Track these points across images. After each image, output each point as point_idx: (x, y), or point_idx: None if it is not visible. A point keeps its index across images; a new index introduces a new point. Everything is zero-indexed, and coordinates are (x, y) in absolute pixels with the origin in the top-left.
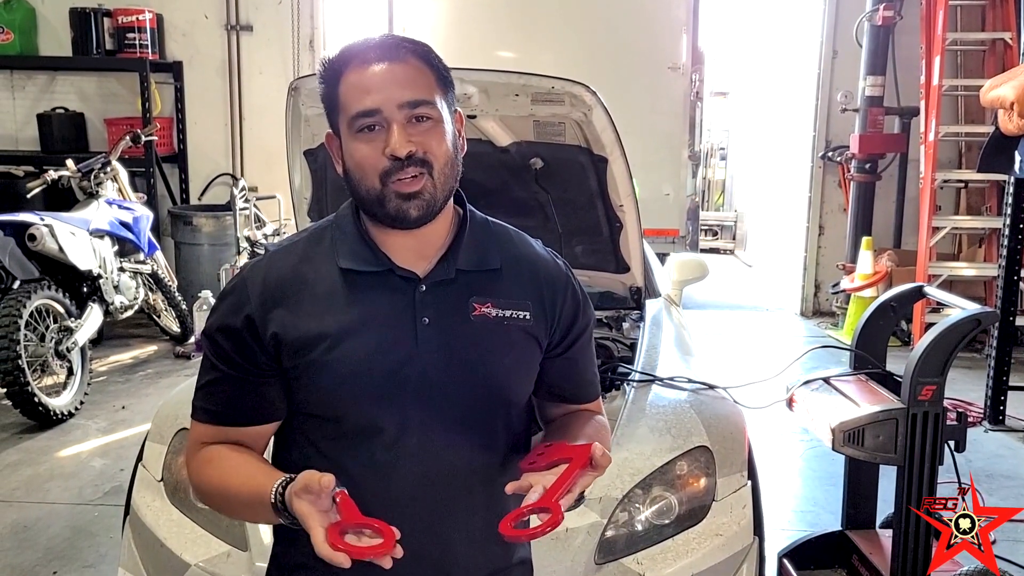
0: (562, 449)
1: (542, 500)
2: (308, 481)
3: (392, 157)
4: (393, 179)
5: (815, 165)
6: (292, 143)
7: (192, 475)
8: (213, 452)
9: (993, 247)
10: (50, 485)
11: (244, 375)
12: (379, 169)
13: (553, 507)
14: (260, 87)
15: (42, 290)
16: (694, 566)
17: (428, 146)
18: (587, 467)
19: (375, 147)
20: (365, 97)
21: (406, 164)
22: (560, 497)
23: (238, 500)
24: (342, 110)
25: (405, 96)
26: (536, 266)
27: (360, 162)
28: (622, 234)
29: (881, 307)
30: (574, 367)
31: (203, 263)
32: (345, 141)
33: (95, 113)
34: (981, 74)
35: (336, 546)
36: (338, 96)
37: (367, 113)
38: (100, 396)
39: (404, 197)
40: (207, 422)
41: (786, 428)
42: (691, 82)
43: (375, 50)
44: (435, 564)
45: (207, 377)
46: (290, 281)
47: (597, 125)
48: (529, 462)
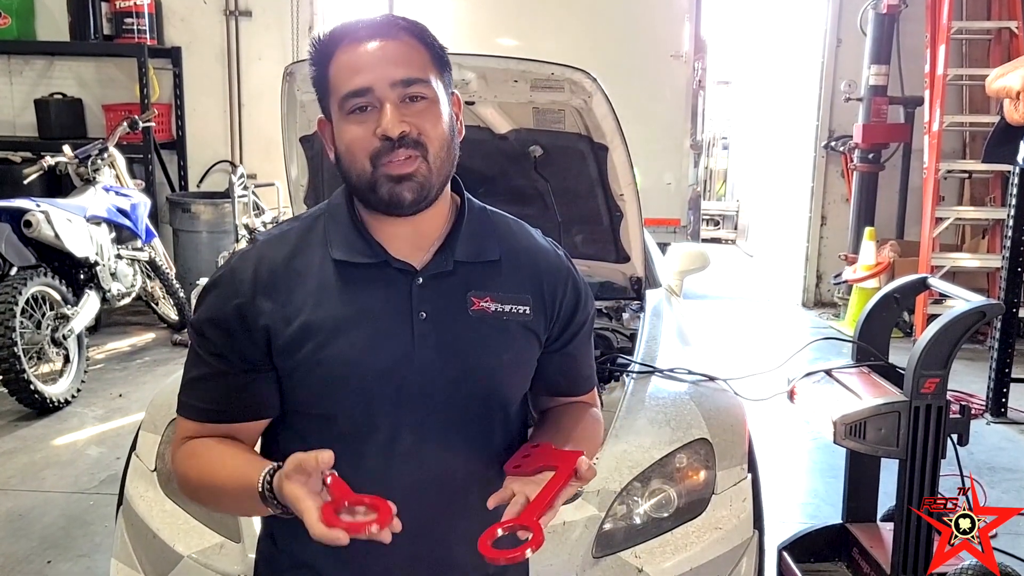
0: (549, 454)
1: (523, 518)
2: (301, 460)
3: (383, 137)
4: (384, 160)
5: (818, 155)
6: (288, 130)
7: (177, 469)
8: (198, 445)
9: (997, 238)
10: (46, 473)
11: (234, 369)
12: (370, 150)
13: (534, 527)
14: (259, 73)
15: (38, 277)
16: (693, 560)
17: (422, 127)
18: (571, 478)
19: (366, 128)
20: (355, 76)
21: (398, 145)
22: (542, 516)
23: (224, 492)
24: (332, 92)
25: (398, 74)
26: (536, 257)
27: (350, 144)
28: (622, 223)
29: (884, 298)
30: (572, 362)
31: (201, 251)
32: (336, 124)
33: (93, 99)
34: (986, 63)
35: (332, 524)
36: (328, 78)
37: (358, 92)
38: (97, 384)
39: (396, 180)
40: (194, 419)
41: (787, 420)
42: (694, 70)
43: (366, 28)
44: (432, 567)
45: (194, 372)
46: (281, 273)
47: (597, 112)
48: (514, 465)
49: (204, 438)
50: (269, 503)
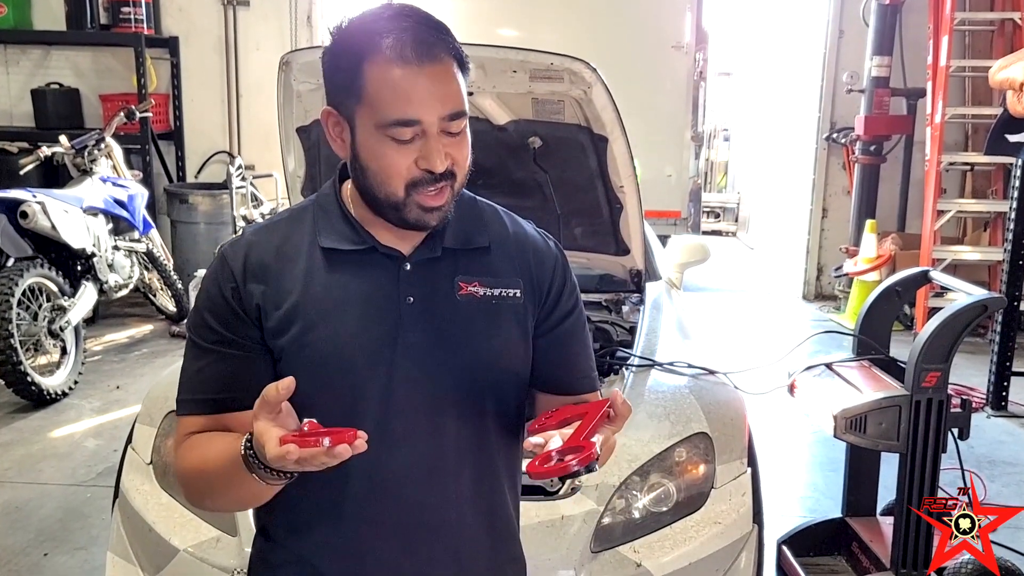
0: (572, 409)
1: (570, 441)
2: (264, 393)
3: (427, 171)
4: (420, 191)
5: (819, 147)
6: (284, 120)
7: (177, 472)
8: (196, 438)
9: (998, 231)
10: (43, 465)
11: (234, 349)
12: (407, 179)
13: (585, 444)
14: (257, 63)
15: (35, 268)
16: (692, 554)
17: (457, 159)
18: (605, 418)
19: (406, 155)
20: (407, 106)
21: (439, 179)
22: (590, 437)
23: (215, 475)
24: (367, 103)
25: (447, 109)
26: (525, 244)
27: (387, 168)
28: (622, 215)
29: (886, 292)
30: (565, 352)
31: (199, 242)
32: (366, 135)
33: (90, 89)
34: (989, 55)
35: (284, 440)
36: (363, 86)
37: (407, 123)
38: (94, 376)
39: (427, 210)
40: (198, 412)
41: (786, 413)
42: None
43: (412, 47)
44: (425, 557)
45: (195, 365)
46: (271, 259)
47: (597, 103)
48: (538, 424)
49: (204, 432)
50: (254, 468)
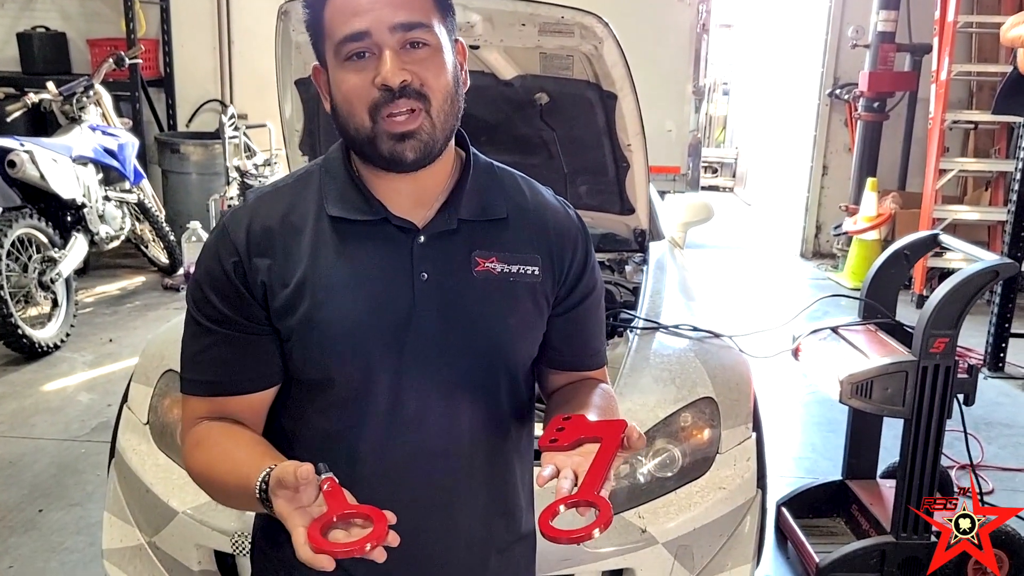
0: (584, 425)
1: (582, 492)
2: (281, 475)
3: (383, 87)
4: (384, 113)
5: (822, 103)
6: (282, 72)
7: (185, 459)
8: (203, 433)
9: (1000, 191)
10: (36, 420)
11: (238, 331)
12: (368, 101)
13: (599, 502)
14: (251, 7)
15: (24, 219)
16: (696, 520)
17: (424, 77)
18: (619, 448)
19: (364, 77)
20: (353, 19)
21: (398, 95)
22: (601, 489)
23: (226, 491)
24: (327, 36)
25: (398, 17)
26: (545, 216)
27: (347, 94)
28: (628, 174)
29: (894, 255)
30: (579, 330)
31: (192, 193)
32: (332, 72)
33: (77, 33)
34: (997, 10)
35: (319, 546)
36: (323, 21)
37: (355, 36)
38: (86, 328)
39: (398, 137)
40: (201, 394)
41: (784, 373)
42: (698, 13)
43: None
44: (436, 540)
45: (197, 344)
46: (276, 230)
47: (608, 59)
48: (549, 439)
49: (210, 424)
50: (269, 509)
